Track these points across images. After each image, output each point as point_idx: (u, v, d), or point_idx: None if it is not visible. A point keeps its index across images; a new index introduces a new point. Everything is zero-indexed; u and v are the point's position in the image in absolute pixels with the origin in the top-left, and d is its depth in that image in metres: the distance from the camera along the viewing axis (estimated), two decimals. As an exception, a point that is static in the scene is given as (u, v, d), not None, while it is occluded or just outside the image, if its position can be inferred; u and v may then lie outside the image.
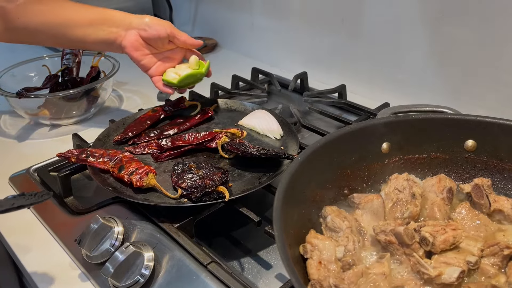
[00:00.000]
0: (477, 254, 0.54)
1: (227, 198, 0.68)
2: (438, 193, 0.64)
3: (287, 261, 0.45)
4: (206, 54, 1.52)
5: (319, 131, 0.94)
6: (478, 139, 0.68)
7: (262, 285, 0.65)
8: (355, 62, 1.19)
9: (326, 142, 0.64)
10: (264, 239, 0.70)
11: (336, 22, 1.18)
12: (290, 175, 0.57)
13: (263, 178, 0.75)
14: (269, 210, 0.77)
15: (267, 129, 0.88)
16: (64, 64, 1.15)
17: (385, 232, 0.56)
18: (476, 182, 0.65)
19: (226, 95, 1.13)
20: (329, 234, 0.60)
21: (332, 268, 0.53)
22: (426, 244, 0.56)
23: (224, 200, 0.68)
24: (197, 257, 0.63)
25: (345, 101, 1.09)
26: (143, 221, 0.70)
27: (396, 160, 0.70)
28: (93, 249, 0.65)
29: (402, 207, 0.63)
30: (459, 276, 0.51)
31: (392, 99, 1.09)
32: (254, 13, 1.41)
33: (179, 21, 1.72)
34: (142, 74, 0.95)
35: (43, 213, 0.77)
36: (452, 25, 0.97)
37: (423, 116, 0.70)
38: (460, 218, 0.62)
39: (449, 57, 1.00)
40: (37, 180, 0.85)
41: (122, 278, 0.60)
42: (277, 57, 1.39)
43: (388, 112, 0.81)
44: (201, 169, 0.72)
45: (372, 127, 0.68)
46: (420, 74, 1.07)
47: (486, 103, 0.97)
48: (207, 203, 0.68)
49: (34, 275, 0.67)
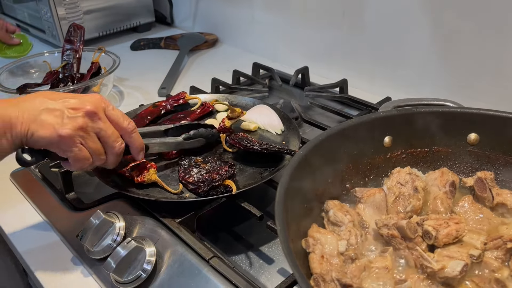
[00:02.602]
0: (480, 248, 0.54)
1: (234, 192, 0.68)
2: (441, 187, 0.64)
3: (290, 256, 0.45)
4: (207, 50, 1.51)
5: (320, 125, 0.93)
6: (481, 133, 0.67)
7: (264, 280, 0.65)
8: (357, 56, 1.19)
9: (328, 136, 0.64)
10: (266, 234, 0.69)
11: (337, 15, 1.18)
12: (292, 170, 0.56)
13: (264, 172, 0.75)
14: (271, 205, 0.77)
15: (268, 124, 0.88)
16: (64, 60, 1.14)
17: (388, 226, 0.56)
18: (479, 175, 0.64)
19: (227, 90, 1.13)
20: (331, 228, 0.59)
21: (335, 262, 0.53)
22: (429, 238, 0.55)
23: (231, 193, 0.68)
24: (199, 252, 0.63)
25: (347, 96, 1.09)
26: (144, 216, 0.70)
27: (398, 154, 0.70)
28: (94, 245, 0.65)
29: (404, 201, 0.62)
30: (462, 269, 0.51)
31: (394, 93, 1.08)
32: (254, 8, 1.40)
33: (180, 16, 1.72)
34: (142, 70, 0.95)
35: (44, 209, 0.77)
36: (455, 18, 0.96)
37: (425, 109, 0.70)
38: (463, 212, 0.62)
39: (451, 50, 1.00)
40: (39, 176, 0.84)
41: (124, 273, 0.60)
42: (278, 52, 1.38)
43: (390, 106, 0.80)
44: (208, 163, 0.72)
45: (374, 121, 0.68)
46: (422, 68, 1.06)
47: (488, 96, 0.97)
48: (214, 197, 0.68)
49: (36, 271, 0.67)
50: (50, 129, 0.58)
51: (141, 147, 0.69)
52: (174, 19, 1.75)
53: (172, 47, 1.51)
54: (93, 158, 0.63)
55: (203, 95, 1.00)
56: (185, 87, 1.18)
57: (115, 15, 1.56)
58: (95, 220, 0.65)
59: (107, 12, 1.54)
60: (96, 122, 0.62)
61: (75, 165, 0.63)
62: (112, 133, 0.64)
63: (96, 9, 1.50)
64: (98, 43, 1.52)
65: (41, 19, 1.49)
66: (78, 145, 0.60)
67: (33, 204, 0.79)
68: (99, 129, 0.62)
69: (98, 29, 1.53)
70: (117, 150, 0.65)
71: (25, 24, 1.63)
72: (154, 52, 1.51)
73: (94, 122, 0.61)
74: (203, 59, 1.45)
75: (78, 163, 0.62)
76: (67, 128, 0.59)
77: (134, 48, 1.53)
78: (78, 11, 1.45)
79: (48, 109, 0.59)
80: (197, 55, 1.47)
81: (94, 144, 0.62)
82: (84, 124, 0.60)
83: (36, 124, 0.58)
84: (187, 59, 1.43)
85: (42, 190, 0.81)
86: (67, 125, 0.59)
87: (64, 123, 0.59)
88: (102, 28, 1.54)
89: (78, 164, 0.62)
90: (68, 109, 0.60)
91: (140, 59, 1.46)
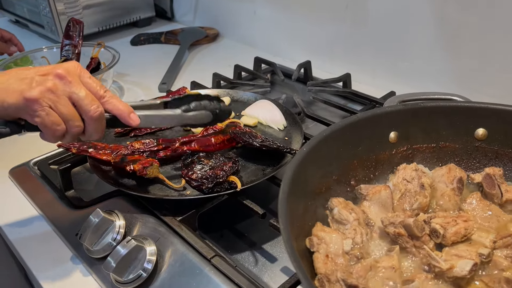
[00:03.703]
0: (489, 246, 0.53)
1: (239, 188, 0.67)
2: (448, 184, 0.62)
3: (294, 256, 0.44)
4: (207, 44, 1.50)
5: (323, 121, 0.92)
6: (489, 128, 0.66)
7: (267, 279, 0.64)
8: (360, 50, 1.17)
9: (332, 132, 0.62)
10: (268, 232, 0.68)
11: (340, 9, 1.16)
12: (295, 166, 0.55)
13: (267, 169, 0.73)
14: (273, 202, 0.76)
15: (270, 120, 0.86)
16: (63, 55, 1.13)
17: (394, 224, 0.55)
18: (487, 171, 0.63)
19: (229, 86, 1.11)
20: (336, 227, 0.58)
21: (340, 261, 0.52)
22: (436, 237, 0.54)
23: (236, 189, 0.67)
24: (201, 250, 0.61)
25: (350, 90, 1.07)
26: (145, 215, 0.68)
27: (404, 149, 0.68)
28: (94, 243, 0.64)
29: (411, 198, 0.61)
30: (471, 269, 0.49)
31: (398, 88, 1.06)
32: (256, 2, 1.38)
33: (180, 11, 1.70)
34: (143, 65, 0.93)
35: (43, 206, 0.76)
36: (459, 10, 0.94)
37: (431, 104, 0.68)
38: (471, 209, 0.60)
39: (456, 44, 0.98)
40: (37, 173, 0.83)
41: (124, 273, 0.59)
42: (280, 46, 1.36)
43: (395, 101, 0.79)
44: (211, 159, 0.71)
45: (379, 116, 0.66)
46: (426, 61, 1.04)
47: (494, 90, 0.95)
48: (217, 194, 0.67)
49: (35, 270, 0.66)
50: (16, 94, 0.56)
51: (128, 110, 0.62)
52: (174, 13, 1.73)
53: (172, 41, 1.49)
54: (66, 125, 0.58)
55: (204, 90, 0.98)
56: (186, 82, 1.17)
57: (115, 10, 1.54)
58: (94, 219, 0.64)
59: (107, 7, 1.52)
60: (67, 85, 0.58)
61: (46, 133, 0.59)
62: (86, 95, 0.59)
63: (96, 4, 1.48)
64: (98, 38, 1.51)
65: (40, 14, 1.47)
66: (45, 109, 0.56)
67: (32, 202, 0.78)
68: (70, 92, 0.58)
69: (97, 24, 1.52)
70: (93, 113, 0.59)
71: (24, 19, 1.62)
72: (155, 47, 1.49)
73: (65, 85, 0.58)
74: (204, 53, 1.43)
75: (49, 130, 0.58)
76: (33, 92, 0.56)
77: (134, 43, 1.51)
78: (77, 6, 1.44)
79: (18, 78, 0.57)
80: (198, 49, 1.46)
81: (65, 108, 0.58)
82: (53, 86, 0.57)
83: (4, 92, 0.56)
84: (187, 54, 1.41)
85: (40, 188, 0.80)
86: (34, 90, 0.56)
87: (31, 87, 0.56)
88: (101, 23, 1.53)
89: (49, 131, 0.58)
90: (38, 75, 0.57)
91: (140, 54, 1.44)
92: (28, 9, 1.55)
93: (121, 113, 0.62)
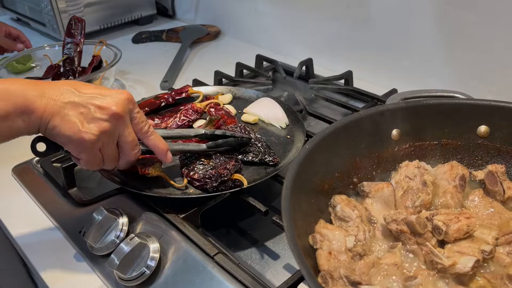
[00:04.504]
0: (491, 243, 0.53)
1: (245, 185, 0.67)
2: (450, 181, 0.62)
3: (297, 253, 0.44)
4: (209, 42, 1.50)
5: (325, 118, 0.92)
6: (491, 125, 0.66)
7: (270, 276, 0.64)
8: (361, 48, 1.17)
9: (334, 129, 0.62)
10: (271, 229, 0.68)
11: (341, 6, 1.15)
12: (298, 164, 0.55)
13: (269, 168, 0.73)
14: (276, 199, 0.76)
15: (272, 118, 0.86)
16: (65, 53, 1.13)
17: (397, 221, 0.55)
18: (490, 168, 0.63)
19: (231, 83, 1.11)
20: (338, 224, 0.58)
21: (343, 258, 0.52)
22: (439, 233, 0.54)
23: (242, 187, 0.67)
24: (204, 248, 0.62)
25: (352, 88, 1.07)
26: (148, 212, 0.69)
27: (406, 147, 0.68)
28: (97, 241, 0.64)
29: (413, 196, 0.61)
30: (474, 265, 0.49)
31: (400, 85, 1.06)
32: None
33: (181, 9, 1.70)
34: (144, 63, 0.93)
35: (46, 204, 0.76)
36: (461, 8, 0.94)
37: (434, 101, 0.68)
38: (473, 206, 0.61)
39: (457, 41, 0.98)
40: (40, 171, 0.84)
41: (128, 270, 0.59)
42: (281, 44, 1.36)
43: (397, 98, 0.79)
44: (211, 159, 0.71)
45: (382, 113, 0.66)
46: (428, 59, 1.04)
47: (496, 88, 0.95)
48: (224, 192, 0.67)
49: (39, 267, 0.66)
50: (73, 128, 0.55)
51: (165, 148, 0.65)
52: (176, 11, 1.73)
53: (174, 39, 1.49)
54: (105, 163, 0.61)
55: (206, 88, 0.98)
56: (188, 80, 1.17)
57: (116, 8, 1.54)
58: (97, 216, 0.64)
59: (108, 5, 1.52)
60: (119, 127, 0.59)
61: (85, 166, 0.60)
62: (132, 140, 0.60)
63: (97, 2, 1.48)
64: (99, 36, 1.51)
65: (41, 12, 1.47)
66: (95, 151, 0.58)
67: (35, 200, 0.78)
68: (120, 135, 0.59)
69: (99, 22, 1.52)
70: (132, 158, 0.62)
71: (25, 17, 1.62)
72: (156, 45, 1.49)
73: (118, 126, 0.58)
74: (205, 51, 1.43)
75: (88, 165, 0.60)
76: (91, 133, 0.56)
77: (135, 41, 1.51)
78: (78, 4, 1.44)
79: (73, 103, 0.55)
80: (199, 47, 1.46)
81: (111, 150, 0.60)
82: (109, 128, 0.57)
83: (59, 118, 0.54)
84: (189, 52, 1.41)
85: (44, 185, 0.80)
86: (92, 130, 0.56)
87: (90, 124, 0.56)
88: (103, 21, 1.53)
89: (88, 166, 0.60)
90: (95, 107, 0.56)
91: (142, 52, 1.44)
92: (29, 7, 1.55)
93: (159, 151, 0.65)
